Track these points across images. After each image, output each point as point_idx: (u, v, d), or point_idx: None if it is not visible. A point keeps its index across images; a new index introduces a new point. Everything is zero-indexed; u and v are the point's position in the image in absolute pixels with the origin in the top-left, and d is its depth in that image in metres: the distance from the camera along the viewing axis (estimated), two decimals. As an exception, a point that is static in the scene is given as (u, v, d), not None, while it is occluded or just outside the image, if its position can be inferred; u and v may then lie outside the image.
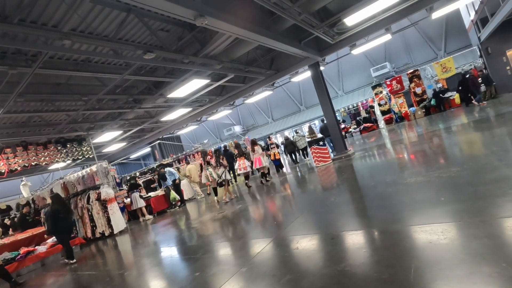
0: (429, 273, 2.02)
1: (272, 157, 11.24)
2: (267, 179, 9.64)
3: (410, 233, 2.77)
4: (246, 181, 9.34)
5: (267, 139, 11.56)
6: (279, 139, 24.80)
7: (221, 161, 8.38)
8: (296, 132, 13.77)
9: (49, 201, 8.26)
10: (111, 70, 7.25)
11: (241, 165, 9.17)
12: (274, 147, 11.34)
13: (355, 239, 3.05)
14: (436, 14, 9.53)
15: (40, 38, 4.89)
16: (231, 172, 10.82)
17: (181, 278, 3.56)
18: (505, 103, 10.41)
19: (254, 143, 9.76)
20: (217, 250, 4.20)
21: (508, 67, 13.99)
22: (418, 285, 1.92)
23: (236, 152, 9.49)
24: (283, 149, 14.89)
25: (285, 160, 15.80)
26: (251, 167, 9.92)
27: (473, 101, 12.95)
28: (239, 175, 11.03)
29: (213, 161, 8.46)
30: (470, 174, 3.98)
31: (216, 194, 8.74)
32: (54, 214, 6.43)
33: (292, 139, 12.90)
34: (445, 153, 6.05)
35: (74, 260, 6.40)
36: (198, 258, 4.03)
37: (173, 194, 10.76)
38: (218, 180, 8.29)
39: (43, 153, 8.43)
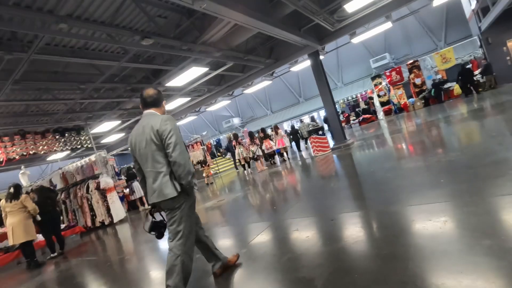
0: (428, 248, 2.03)
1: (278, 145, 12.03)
2: (284, 159, 11.36)
3: (409, 212, 2.78)
4: (270, 159, 11.87)
5: (274, 127, 12.47)
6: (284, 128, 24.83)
7: (254, 140, 10.99)
8: (301, 121, 14.30)
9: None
10: (109, 57, 7.17)
11: (267, 145, 11.37)
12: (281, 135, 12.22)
13: (354, 220, 3.06)
14: (437, 2, 9.42)
15: (36, 22, 4.79)
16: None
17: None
18: (505, 93, 10.39)
19: (277, 127, 12.01)
20: (217, 233, 4.22)
21: (508, 57, 13.91)
22: (418, 259, 1.93)
23: (262, 135, 11.79)
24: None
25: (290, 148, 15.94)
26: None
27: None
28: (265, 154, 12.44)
29: (247, 140, 11.20)
30: (469, 158, 3.99)
31: (244, 169, 11.11)
32: (39, 205, 6.26)
33: (297, 129, 13.89)
34: (445, 140, 6.06)
35: (58, 253, 6.22)
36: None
37: None
38: (253, 156, 10.89)
39: (41, 142, 8.39)
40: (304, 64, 12.24)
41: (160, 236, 2.44)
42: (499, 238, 1.87)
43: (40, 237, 6.86)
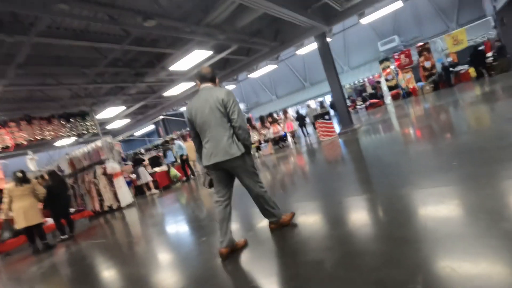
0: (442, 231, 1.96)
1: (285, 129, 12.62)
2: (292, 142, 12.40)
3: (420, 195, 2.70)
4: (280, 143, 12.25)
5: (283, 111, 13.32)
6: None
7: (265, 124, 11.86)
8: (309, 106, 14.39)
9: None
10: (111, 40, 7.02)
11: (275, 130, 11.88)
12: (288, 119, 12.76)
13: (363, 203, 3.00)
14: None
15: (36, 2, 4.66)
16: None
17: (188, 243, 3.60)
18: (519, 75, 10.03)
19: (285, 112, 12.84)
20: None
21: (523, 38, 13.34)
22: (432, 241, 1.87)
23: (270, 119, 12.25)
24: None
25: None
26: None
27: None
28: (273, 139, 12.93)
29: (259, 124, 12.02)
30: (483, 141, 3.86)
31: (256, 151, 11.87)
32: (50, 190, 6.40)
33: (303, 114, 14.32)
34: (455, 123, 5.89)
35: (68, 236, 6.39)
36: (204, 225, 4.06)
37: (173, 171, 10.76)
38: (265, 138, 11.78)
39: (47, 128, 8.41)
40: (309, 48, 11.93)
41: None
42: (518, 221, 1.80)
43: (50, 221, 7.01)
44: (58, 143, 11.57)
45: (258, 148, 11.86)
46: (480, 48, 14.42)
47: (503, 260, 1.50)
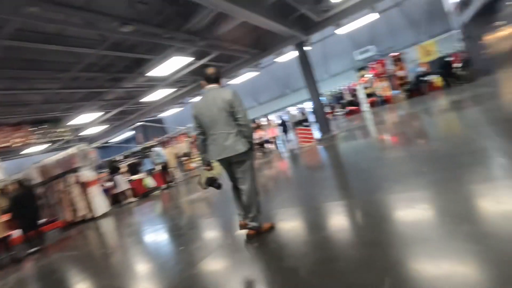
0: (410, 234, 2.06)
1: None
2: (273, 147, 12.33)
3: (392, 201, 2.81)
4: (264, 146, 12.17)
5: (267, 119, 13.90)
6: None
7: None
8: (289, 113, 14.87)
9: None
10: (86, 45, 6.83)
11: (259, 134, 11.81)
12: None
13: (338, 209, 3.08)
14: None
15: (4, 4, 4.47)
16: None
17: (166, 253, 3.52)
18: (483, 85, 10.73)
19: (268, 119, 13.58)
20: (202, 226, 4.17)
21: (486, 51, 14.34)
22: (400, 245, 1.96)
23: (255, 125, 12.17)
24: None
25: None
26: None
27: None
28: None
29: None
30: (450, 147, 4.09)
31: None
32: (17, 200, 6.05)
33: (285, 120, 14.56)
34: (426, 131, 6.20)
35: (37, 248, 5.98)
36: (183, 234, 3.99)
37: (145, 180, 10.49)
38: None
39: (15, 134, 7.98)
40: (289, 56, 12.18)
41: (219, 187, 3.03)
42: (478, 224, 1.92)
43: (17, 232, 6.59)
44: (28, 150, 10.99)
45: None
46: (447, 59, 15.34)
47: (463, 262, 1.59)
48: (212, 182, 2.97)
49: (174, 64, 8.03)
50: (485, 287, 1.38)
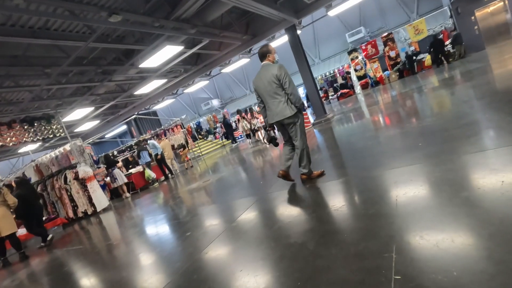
0: (412, 204, 2.14)
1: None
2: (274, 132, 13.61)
3: (391, 175, 2.89)
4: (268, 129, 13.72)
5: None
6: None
7: (255, 115, 13.02)
8: None
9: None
10: (74, 38, 6.67)
11: (261, 119, 12.44)
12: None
13: (339, 187, 3.16)
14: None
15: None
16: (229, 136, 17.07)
17: (173, 239, 3.59)
18: (473, 61, 10.83)
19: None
20: (205, 212, 4.23)
21: (476, 27, 14.39)
22: (403, 214, 2.04)
23: (250, 116, 13.31)
24: None
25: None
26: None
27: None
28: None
29: (249, 115, 13.10)
30: (444, 122, 4.18)
31: (249, 138, 13.36)
32: (22, 199, 6.04)
33: None
34: (420, 108, 6.29)
35: (46, 242, 6.12)
36: (187, 221, 4.05)
37: (147, 172, 10.49)
38: (254, 127, 12.76)
39: (8, 134, 7.85)
40: (281, 40, 12.06)
41: (276, 145, 4.18)
42: (476, 191, 2.00)
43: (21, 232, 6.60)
44: (22, 149, 10.84)
45: (252, 133, 12.95)
46: (439, 37, 15.36)
47: (463, 225, 1.68)
48: (272, 140, 4.05)
49: (165, 54, 7.90)
50: (483, 244, 1.46)
